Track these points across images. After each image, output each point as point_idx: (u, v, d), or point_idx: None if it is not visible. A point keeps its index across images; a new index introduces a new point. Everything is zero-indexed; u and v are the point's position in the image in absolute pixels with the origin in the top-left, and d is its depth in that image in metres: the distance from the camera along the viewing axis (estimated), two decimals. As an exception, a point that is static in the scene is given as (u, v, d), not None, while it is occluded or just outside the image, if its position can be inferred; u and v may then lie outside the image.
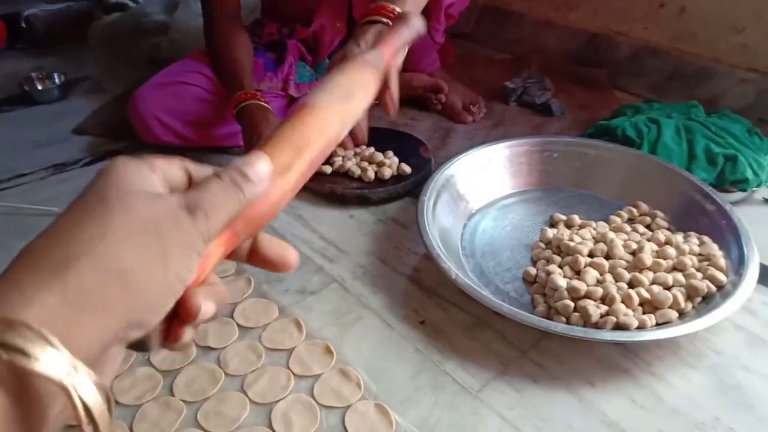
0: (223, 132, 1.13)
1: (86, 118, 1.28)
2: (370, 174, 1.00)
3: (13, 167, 1.12)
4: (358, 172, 1.01)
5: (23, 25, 1.67)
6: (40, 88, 1.41)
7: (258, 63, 1.15)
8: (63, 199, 1.00)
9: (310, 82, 1.20)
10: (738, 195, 0.97)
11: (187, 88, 1.10)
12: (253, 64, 1.09)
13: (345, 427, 0.62)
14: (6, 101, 1.38)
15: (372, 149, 1.06)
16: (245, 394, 0.66)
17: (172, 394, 0.67)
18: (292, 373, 0.69)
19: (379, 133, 1.11)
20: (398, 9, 0.80)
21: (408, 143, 1.10)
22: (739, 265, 0.76)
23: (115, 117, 1.26)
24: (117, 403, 0.66)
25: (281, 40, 1.18)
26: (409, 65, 1.28)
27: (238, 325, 0.75)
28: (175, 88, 1.09)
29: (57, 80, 1.42)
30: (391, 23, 0.80)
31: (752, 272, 0.74)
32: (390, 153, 1.05)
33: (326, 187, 1.00)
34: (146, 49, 1.45)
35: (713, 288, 0.75)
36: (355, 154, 1.05)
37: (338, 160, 1.03)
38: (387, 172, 1.00)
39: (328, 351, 0.71)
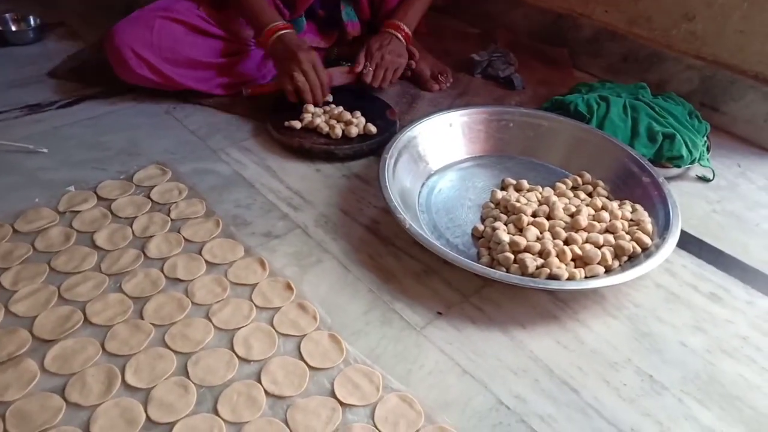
0: (199, 75, 1.16)
1: (61, 62, 1.30)
2: (338, 131, 1.06)
3: (-13, 105, 1.14)
4: (326, 128, 1.06)
5: (-3, -35, 1.64)
6: (14, 29, 1.40)
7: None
8: (37, 138, 1.04)
9: None
10: (675, 171, 1.05)
11: (168, 23, 1.12)
12: None
13: (300, 353, 0.69)
14: (-22, 40, 1.38)
15: (341, 108, 1.11)
16: (210, 320, 0.72)
17: (142, 318, 0.72)
18: (254, 305, 0.75)
19: (349, 94, 1.16)
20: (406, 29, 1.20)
21: (376, 105, 1.15)
22: (664, 230, 0.85)
23: (90, 63, 1.28)
24: (89, 323, 0.71)
25: None
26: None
27: (206, 261, 0.81)
28: (154, 23, 1.11)
29: (32, 23, 1.41)
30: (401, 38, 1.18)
31: (674, 237, 0.83)
32: (358, 113, 1.10)
33: (295, 142, 1.05)
34: (124, -1, 1.46)
35: (639, 249, 0.83)
36: (324, 112, 1.10)
37: (308, 117, 1.08)
38: (353, 131, 1.06)
39: (289, 287, 0.77)
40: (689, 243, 0.91)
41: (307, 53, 1.09)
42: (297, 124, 1.07)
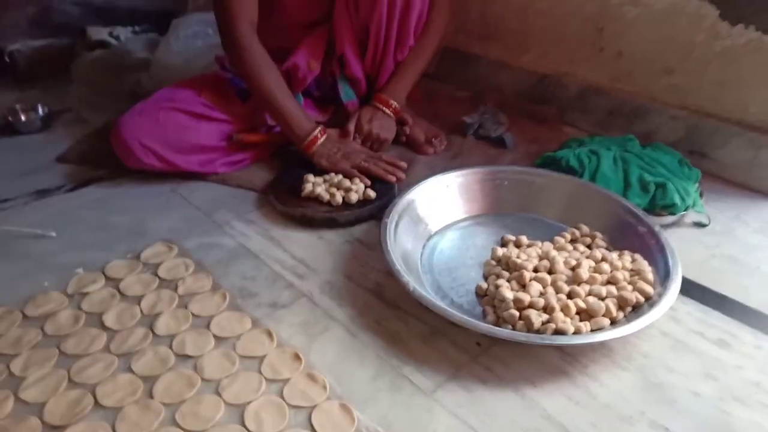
0: (203, 158, 1.20)
1: (69, 148, 1.34)
2: (338, 199, 1.08)
3: (-2, 193, 1.17)
4: (326, 197, 1.09)
5: (7, 59, 1.73)
6: (23, 119, 1.46)
7: (233, 93, 1.24)
8: (46, 223, 1.07)
9: None
10: (670, 218, 1.07)
11: (172, 113, 1.17)
12: None
13: (311, 424, 0.69)
14: (-11, 131, 1.44)
15: (340, 176, 1.14)
16: (220, 396, 0.72)
17: (152, 398, 0.72)
18: (264, 377, 0.75)
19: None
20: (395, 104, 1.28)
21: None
22: (665, 279, 0.86)
23: (96, 147, 1.32)
24: (99, 405, 0.71)
25: None
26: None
27: (214, 336, 0.82)
28: (159, 114, 1.16)
29: (40, 112, 1.47)
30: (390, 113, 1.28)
31: (675, 285, 0.84)
32: (356, 180, 1.13)
33: (297, 211, 1.08)
34: (128, 84, 1.53)
35: (642, 299, 0.84)
36: (324, 181, 1.14)
37: (308, 186, 1.11)
38: (353, 197, 1.09)
39: (297, 357, 0.78)
40: (691, 289, 0.92)
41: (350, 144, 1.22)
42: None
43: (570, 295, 0.84)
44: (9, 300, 0.88)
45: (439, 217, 1.05)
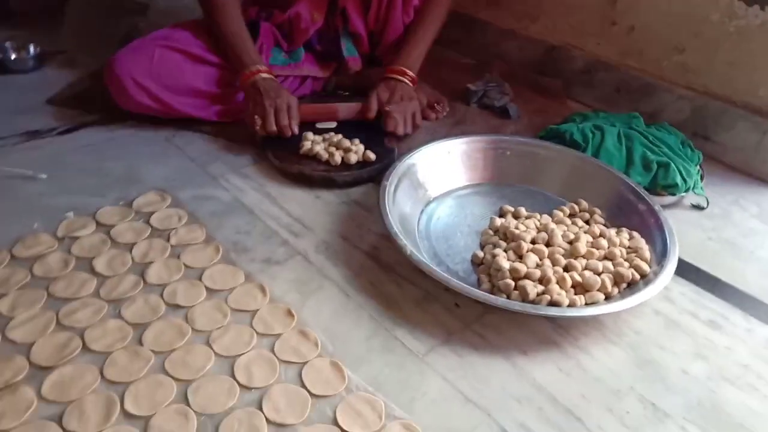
0: (198, 102, 1.17)
1: (61, 90, 1.30)
2: (337, 158, 1.06)
3: (-13, 132, 1.14)
4: (325, 156, 1.07)
5: (-2, -4, 1.67)
6: (14, 57, 1.41)
7: None
8: (36, 164, 1.04)
9: (283, 65, 1.25)
10: (670, 199, 1.07)
11: (168, 52, 1.13)
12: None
13: (302, 380, 0.69)
14: (-21, 68, 1.39)
15: (340, 135, 1.12)
16: (210, 347, 0.72)
17: (141, 345, 0.72)
18: (255, 331, 0.74)
19: (348, 122, 1.18)
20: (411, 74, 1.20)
21: (374, 133, 1.16)
22: (661, 258, 0.86)
23: (89, 90, 1.29)
24: (87, 349, 0.70)
25: (256, 22, 1.22)
26: (384, 59, 1.35)
27: (206, 288, 0.81)
28: (154, 52, 1.12)
29: (32, 51, 1.42)
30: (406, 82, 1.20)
31: (672, 264, 0.84)
32: (357, 140, 1.11)
33: (295, 169, 1.06)
34: (124, 28, 1.48)
35: (637, 276, 0.84)
36: (324, 140, 1.11)
37: (307, 144, 1.09)
38: (353, 158, 1.07)
39: (290, 314, 0.77)
40: (686, 270, 0.92)
41: (279, 92, 1.11)
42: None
43: (566, 269, 0.84)
44: (-3, 239, 0.86)
45: (439, 184, 1.04)
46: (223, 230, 0.93)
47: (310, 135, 1.11)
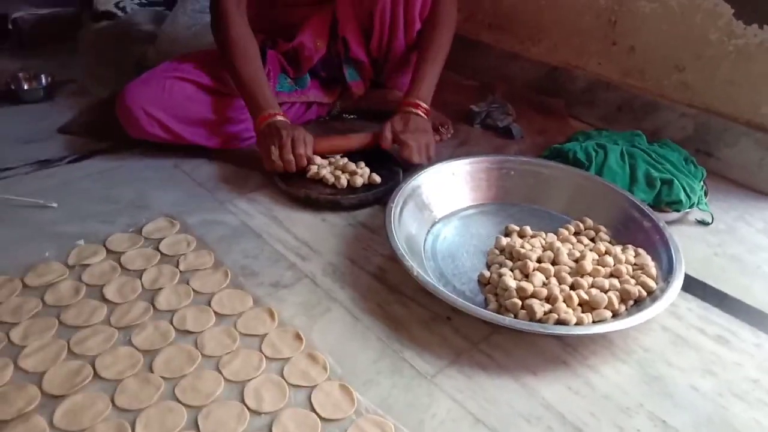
0: (208, 132, 1.19)
1: (71, 119, 1.33)
2: (343, 182, 1.08)
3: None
4: (331, 179, 1.09)
5: (10, 26, 1.71)
6: (26, 87, 1.44)
7: None
8: (47, 193, 1.06)
9: (290, 92, 1.27)
10: (674, 215, 1.07)
11: (178, 83, 1.15)
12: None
13: (311, 403, 0.69)
14: (-8, 98, 1.42)
15: (346, 159, 1.14)
16: (220, 372, 0.72)
17: (152, 372, 0.72)
18: (264, 355, 0.75)
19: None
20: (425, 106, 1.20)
21: (379, 155, 1.18)
22: (668, 274, 0.86)
23: (100, 119, 1.31)
24: (99, 377, 0.71)
25: (263, 50, 1.24)
26: (387, 82, 1.38)
27: (215, 313, 0.81)
28: (165, 83, 1.14)
29: (43, 81, 1.46)
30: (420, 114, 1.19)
31: (678, 281, 0.84)
32: (362, 164, 1.13)
33: (301, 192, 1.07)
34: (133, 57, 1.51)
35: (644, 293, 0.84)
36: (330, 163, 1.13)
37: (314, 168, 1.10)
38: (358, 181, 1.08)
39: (298, 337, 0.78)
40: (693, 286, 0.92)
41: (297, 128, 1.11)
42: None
43: (573, 287, 0.84)
44: (9, 268, 0.87)
45: (444, 205, 1.05)
46: (232, 255, 0.94)
47: (316, 159, 1.13)
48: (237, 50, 1.13)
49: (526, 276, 0.86)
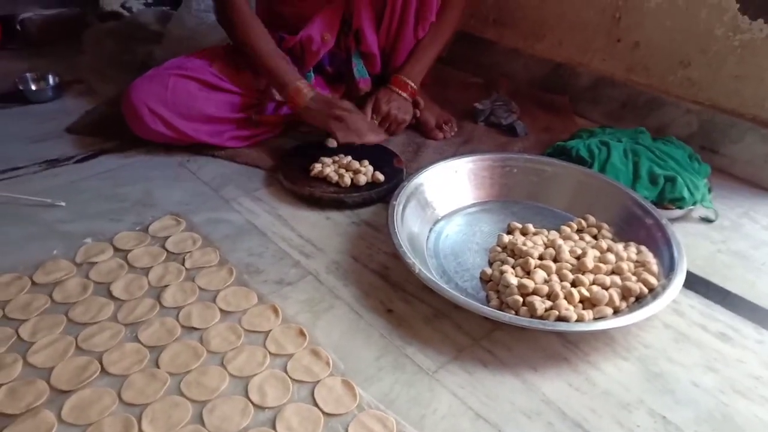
0: (212, 129, 1.20)
1: (79, 118, 1.34)
2: (347, 180, 1.09)
3: (8, 160, 1.17)
4: (335, 178, 1.10)
5: (18, 27, 1.73)
6: (34, 88, 1.46)
7: (244, 65, 1.23)
8: (55, 191, 1.07)
9: None
10: (678, 212, 1.07)
11: (182, 81, 1.16)
12: None
13: (314, 399, 0.70)
14: (0, 98, 1.43)
15: (349, 158, 1.14)
16: (225, 368, 0.73)
17: (158, 367, 0.73)
18: (268, 351, 0.76)
19: (357, 145, 1.20)
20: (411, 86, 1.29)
21: (383, 154, 1.19)
22: (669, 271, 0.86)
23: (106, 118, 1.32)
24: (106, 372, 0.72)
25: None
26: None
27: (220, 310, 0.83)
28: (168, 81, 1.15)
29: (51, 81, 1.47)
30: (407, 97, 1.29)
31: (680, 278, 0.84)
32: (365, 162, 1.13)
33: (305, 191, 1.08)
34: (139, 57, 1.52)
35: (645, 290, 0.84)
36: (333, 162, 1.14)
37: (317, 166, 1.11)
38: (362, 179, 1.09)
39: (302, 334, 0.79)
40: (695, 283, 0.92)
41: (337, 99, 1.21)
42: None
43: (574, 284, 0.85)
44: (18, 266, 0.89)
45: (447, 202, 1.05)
46: (236, 253, 0.95)
47: (322, 158, 1.14)
48: (249, 32, 1.17)
49: (528, 273, 0.87)
